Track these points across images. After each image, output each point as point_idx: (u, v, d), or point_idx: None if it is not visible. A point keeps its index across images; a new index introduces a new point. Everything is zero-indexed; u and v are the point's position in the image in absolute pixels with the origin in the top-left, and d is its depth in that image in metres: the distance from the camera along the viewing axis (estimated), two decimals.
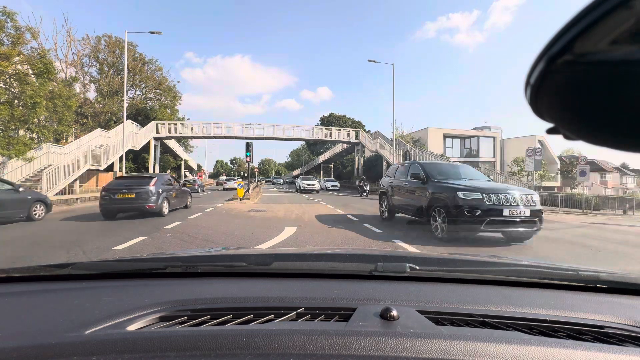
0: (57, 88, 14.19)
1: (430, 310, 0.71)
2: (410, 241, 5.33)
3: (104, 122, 25.79)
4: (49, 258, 4.23)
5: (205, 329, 0.60)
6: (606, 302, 0.82)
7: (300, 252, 1.39)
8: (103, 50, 28.26)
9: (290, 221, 7.89)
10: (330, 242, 5.44)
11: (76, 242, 5.17)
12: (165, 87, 32.48)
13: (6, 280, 0.95)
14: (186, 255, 1.30)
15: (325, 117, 51.51)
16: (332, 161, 47.95)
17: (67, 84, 18.51)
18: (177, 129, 28.72)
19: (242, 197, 15.04)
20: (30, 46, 13.25)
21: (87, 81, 28.13)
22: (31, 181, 14.60)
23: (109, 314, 0.66)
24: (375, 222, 7.81)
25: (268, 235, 5.85)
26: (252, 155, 18.20)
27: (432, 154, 24.37)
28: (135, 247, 4.79)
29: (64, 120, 14.61)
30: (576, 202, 16.62)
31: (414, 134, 31.41)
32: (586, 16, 0.25)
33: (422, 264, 1.02)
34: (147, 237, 5.61)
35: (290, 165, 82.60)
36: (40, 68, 12.50)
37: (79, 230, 6.50)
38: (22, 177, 14.46)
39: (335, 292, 0.82)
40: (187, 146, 41.30)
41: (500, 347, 0.52)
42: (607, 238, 6.91)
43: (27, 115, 12.34)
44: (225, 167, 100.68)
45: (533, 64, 0.30)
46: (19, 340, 0.56)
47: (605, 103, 0.29)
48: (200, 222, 7.67)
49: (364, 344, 0.52)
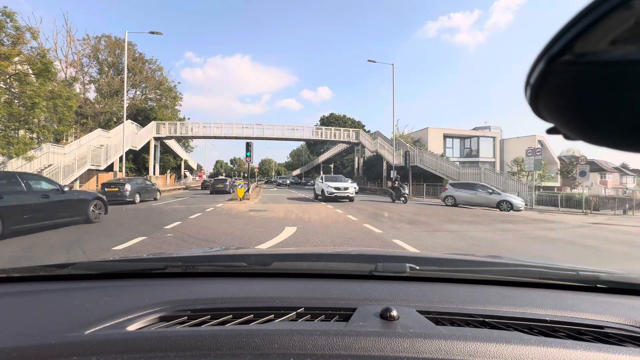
0: (57, 88, 14.20)
1: (430, 310, 0.71)
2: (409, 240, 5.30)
3: (104, 122, 25.80)
4: (48, 258, 4.23)
5: (205, 329, 0.60)
6: (606, 302, 0.82)
7: (300, 252, 1.40)
8: (103, 51, 28.32)
9: (291, 221, 7.90)
10: (330, 241, 5.45)
11: (76, 242, 5.17)
12: (166, 88, 32.51)
13: (6, 280, 0.95)
14: (186, 255, 1.30)
15: (325, 117, 51.56)
16: (332, 161, 47.98)
17: (67, 84, 18.51)
18: (177, 129, 28.72)
19: (242, 197, 15.05)
20: (30, 46, 13.26)
21: (87, 81, 28.16)
22: None
23: (109, 314, 0.66)
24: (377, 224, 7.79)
25: (268, 236, 5.85)
26: (252, 155, 18.21)
27: (432, 154, 24.37)
28: (135, 247, 4.79)
29: (64, 120, 14.63)
30: (576, 202, 16.64)
31: (414, 134, 31.42)
32: (586, 16, 0.25)
33: (422, 264, 1.02)
34: (147, 237, 5.61)
35: (290, 165, 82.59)
36: (40, 68, 12.52)
37: (79, 230, 6.50)
38: None
39: (335, 292, 0.82)
40: (187, 146, 41.33)
41: (500, 347, 0.52)
42: (607, 238, 6.91)
43: (27, 115, 12.36)
44: (225, 167, 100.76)
45: (533, 64, 0.30)
46: (19, 340, 0.56)
47: (605, 103, 0.29)
48: (200, 222, 7.68)
49: (364, 344, 0.52)
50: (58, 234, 6.06)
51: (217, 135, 29.33)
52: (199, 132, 29.53)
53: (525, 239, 6.40)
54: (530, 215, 12.30)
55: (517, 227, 8.16)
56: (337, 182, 16.02)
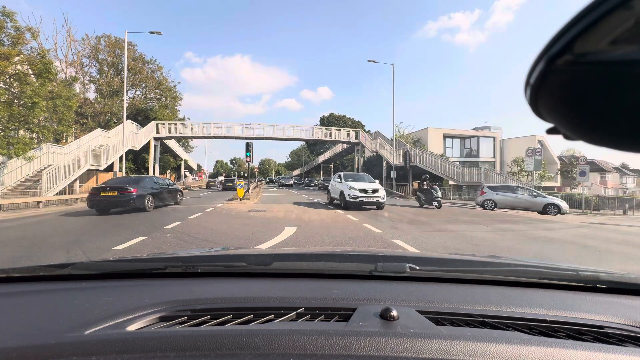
0: (57, 88, 14.19)
1: (430, 311, 0.71)
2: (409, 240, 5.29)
3: (104, 122, 25.79)
4: (49, 258, 4.23)
5: (205, 329, 0.60)
6: (606, 302, 0.82)
7: (300, 252, 1.40)
8: (103, 51, 28.27)
9: (291, 221, 7.89)
10: (330, 242, 5.44)
11: (76, 242, 5.17)
12: (166, 88, 32.47)
13: (6, 280, 0.95)
14: (186, 255, 1.30)
15: (325, 117, 51.59)
16: (332, 161, 47.98)
17: (67, 84, 18.49)
18: (177, 129, 28.70)
19: (242, 198, 15.05)
20: (30, 46, 13.24)
21: (86, 81, 28.14)
22: (31, 181, 14.60)
23: (109, 314, 0.66)
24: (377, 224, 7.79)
25: (267, 236, 5.85)
26: (252, 155, 18.21)
27: (432, 154, 24.37)
28: (135, 247, 4.79)
29: (64, 120, 14.62)
30: (576, 202, 16.64)
31: (414, 134, 31.41)
32: (586, 16, 0.25)
33: (422, 264, 1.02)
34: (147, 237, 5.60)
35: (290, 165, 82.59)
36: (40, 68, 12.50)
37: (80, 230, 6.50)
38: (22, 177, 14.46)
39: (335, 292, 0.82)
40: (187, 146, 41.29)
41: (500, 347, 0.52)
42: (608, 238, 6.91)
43: (27, 115, 12.35)
44: (225, 167, 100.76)
45: (533, 64, 0.30)
46: (19, 340, 0.56)
47: (605, 103, 0.29)
48: (200, 222, 7.67)
49: (364, 344, 0.52)
50: (57, 234, 6.06)
51: (217, 135, 29.31)
52: (199, 132, 29.51)
53: (525, 238, 6.40)
54: (531, 215, 12.30)
55: (517, 227, 8.16)
56: (362, 183, 11.78)
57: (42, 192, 13.74)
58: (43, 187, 13.89)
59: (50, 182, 14.52)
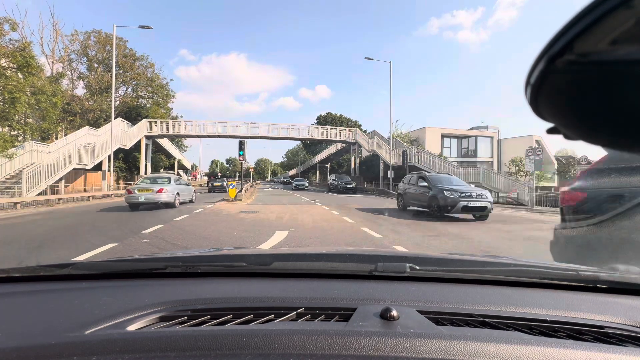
0: (40, 83, 13.51)
1: (430, 310, 0.70)
2: None
3: (94, 120, 25.04)
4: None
5: (205, 329, 0.60)
6: (606, 302, 0.81)
7: (300, 252, 1.39)
8: (93, 47, 27.51)
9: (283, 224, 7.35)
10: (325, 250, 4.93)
11: (33, 250, 4.58)
12: (158, 85, 31.77)
13: (6, 280, 0.95)
14: (186, 255, 1.30)
15: (322, 117, 51.05)
16: (329, 161, 47.54)
17: (52, 80, 17.73)
18: (170, 128, 28.08)
19: (234, 198, 14.50)
20: (8, 38, 12.59)
21: (75, 78, 27.34)
22: (11, 181, 13.91)
23: (109, 314, 0.66)
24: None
25: (256, 241, 5.31)
26: (245, 154, 17.66)
27: (430, 154, 24.02)
28: (99, 257, 4.19)
29: (48, 117, 13.93)
30: None
31: (412, 134, 31.11)
32: (586, 16, 0.24)
33: (422, 264, 1.01)
34: (119, 243, 5.01)
35: (286, 165, 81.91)
36: (20, 62, 11.85)
37: (42, 238, 5.90)
38: (1, 177, 13.76)
39: (335, 292, 0.82)
40: (181, 145, 40.59)
41: (500, 347, 0.52)
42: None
43: (7, 112, 11.69)
44: (221, 166, 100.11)
45: (533, 64, 0.29)
46: (19, 340, 0.57)
47: (605, 103, 0.29)
48: (184, 226, 7.09)
49: (364, 344, 0.53)
50: (23, 238, 5.46)
51: (211, 134, 28.73)
52: (193, 130, 28.91)
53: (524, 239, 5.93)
54: (531, 216, 11.90)
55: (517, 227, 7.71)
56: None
57: (23, 192, 13.06)
58: (23, 187, 13.19)
59: (32, 182, 13.81)
